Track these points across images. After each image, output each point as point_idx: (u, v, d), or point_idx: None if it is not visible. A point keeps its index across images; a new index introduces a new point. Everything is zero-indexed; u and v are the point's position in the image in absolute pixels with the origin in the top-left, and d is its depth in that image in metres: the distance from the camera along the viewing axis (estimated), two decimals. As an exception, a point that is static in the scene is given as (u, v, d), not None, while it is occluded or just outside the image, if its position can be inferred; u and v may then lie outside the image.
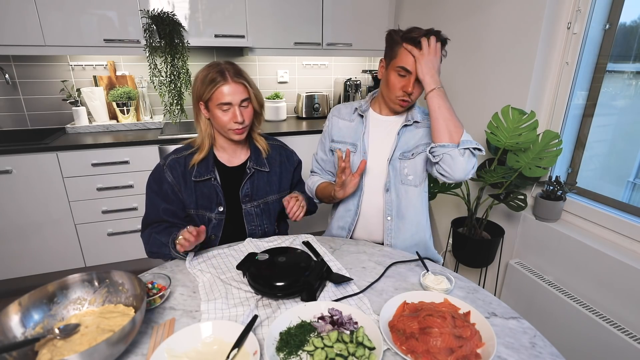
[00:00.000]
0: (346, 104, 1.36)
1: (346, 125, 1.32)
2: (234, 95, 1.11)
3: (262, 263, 0.97)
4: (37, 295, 0.78)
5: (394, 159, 1.24)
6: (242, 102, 1.13)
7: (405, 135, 1.24)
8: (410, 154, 1.24)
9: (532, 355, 0.74)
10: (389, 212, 1.25)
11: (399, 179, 1.25)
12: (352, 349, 0.71)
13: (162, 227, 1.16)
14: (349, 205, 1.31)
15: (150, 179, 1.21)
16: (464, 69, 2.02)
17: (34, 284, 2.18)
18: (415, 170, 1.25)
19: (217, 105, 1.12)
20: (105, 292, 0.85)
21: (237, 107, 1.13)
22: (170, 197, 1.19)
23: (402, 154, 1.24)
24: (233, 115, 1.13)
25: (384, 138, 1.27)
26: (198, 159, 1.19)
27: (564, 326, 1.48)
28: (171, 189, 1.19)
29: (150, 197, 1.20)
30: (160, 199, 1.18)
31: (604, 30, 1.51)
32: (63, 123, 2.35)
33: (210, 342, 0.74)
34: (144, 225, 1.20)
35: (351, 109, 1.33)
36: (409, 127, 1.25)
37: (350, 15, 2.50)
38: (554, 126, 1.67)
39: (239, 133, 1.17)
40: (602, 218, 1.49)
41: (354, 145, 1.29)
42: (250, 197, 1.25)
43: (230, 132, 1.16)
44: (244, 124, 1.15)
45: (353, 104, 1.34)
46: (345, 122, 1.33)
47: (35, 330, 0.75)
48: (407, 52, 1.11)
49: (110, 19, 2.04)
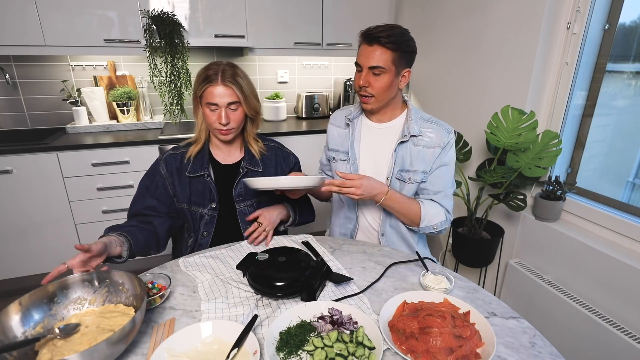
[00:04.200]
0: (342, 110, 1.35)
1: (339, 133, 1.32)
2: (221, 97, 1.13)
3: (262, 263, 0.97)
4: (37, 295, 0.78)
5: (393, 179, 1.23)
6: (230, 104, 1.15)
7: (402, 151, 1.21)
8: (407, 177, 1.22)
9: (532, 355, 0.74)
10: (382, 229, 1.28)
11: None
12: (352, 349, 0.72)
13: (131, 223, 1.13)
14: (349, 214, 1.33)
15: (145, 173, 1.24)
16: (464, 69, 2.02)
17: (34, 284, 2.17)
18: (412, 193, 1.25)
19: (206, 104, 1.15)
20: (105, 291, 0.85)
21: (224, 109, 1.14)
22: (159, 190, 1.20)
23: (399, 172, 1.22)
24: (219, 116, 1.15)
25: (380, 150, 1.25)
26: (194, 151, 1.23)
27: (563, 326, 1.48)
28: (162, 182, 1.21)
29: (140, 190, 1.22)
30: (149, 194, 1.20)
31: (603, 30, 1.52)
32: (63, 123, 2.35)
33: (210, 342, 0.75)
34: (128, 215, 1.22)
35: (343, 117, 1.32)
36: (405, 144, 1.21)
37: (350, 15, 2.50)
38: (553, 126, 1.67)
39: (223, 134, 1.19)
40: (602, 218, 1.49)
41: (346, 153, 1.29)
42: (244, 197, 1.26)
43: (216, 131, 1.19)
44: (228, 127, 1.17)
45: (346, 111, 1.32)
46: (339, 129, 1.33)
47: (35, 330, 0.75)
48: (360, 47, 1.15)
49: (110, 19, 2.04)
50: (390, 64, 1.11)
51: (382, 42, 1.08)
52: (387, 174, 1.24)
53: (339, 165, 1.31)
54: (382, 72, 1.12)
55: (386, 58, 1.10)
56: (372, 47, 1.10)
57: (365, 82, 1.14)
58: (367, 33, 1.11)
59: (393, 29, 1.10)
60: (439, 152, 1.19)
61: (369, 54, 1.11)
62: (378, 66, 1.11)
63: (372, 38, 1.09)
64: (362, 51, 1.14)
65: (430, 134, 1.20)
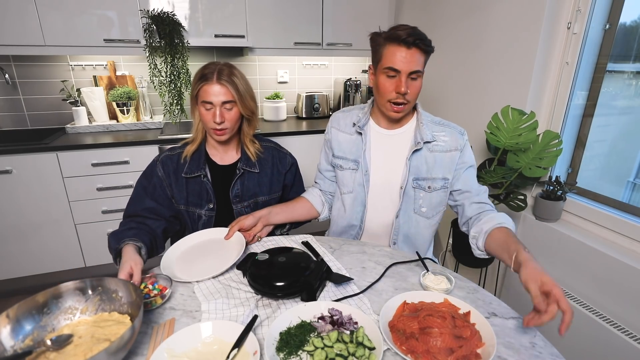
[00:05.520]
0: (345, 114, 1.28)
1: (346, 140, 1.25)
2: (216, 96, 1.13)
3: (262, 263, 0.97)
4: (26, 306, 0.74)
5: (408, 188, 1.18)
6: (225, 104, 1.14)
7: (417, 160, 1.16)
8: (426, 185, 1.17)
9: (532, 355, 0.74)
10: (395, 237, 1.23)
11: (412, 208, 1.20)
12: (352, 349, 0.71)
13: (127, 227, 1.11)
14: (352, 221, 1.27)
15: (142, 173, 1.24)
16: (464, 69, 2.02)
17: (34, 284, 2.19)
18: (430, 203, 1.19)
19: (201, 102, 1.15)
20: (97, 300, 0.82)
21: (219, 107, 1.14)
22: (157, 192, 1.20)
23: (415, 181, 1.17)
24: (213, 114, 1.15)
25: (392, 159, 1.19)
26: (191, 151, 1.23)
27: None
28: (160, 183, 1.21)
29: (137, 190, 1.21)
30: (146, 196, 1.19)
31: (604, 30, 1.51)
32: (63, 123, 2.35)
33: (210, 342, 0.74)
34: (124, 215, 1.19)
35: (350, 122, 1.25)
36: (419, 152, 1.16)
37: (350, 15, 2.50)
38: (554, 126, 1.67)
39: (218, 134, 1.18)
40: (602, 218, 1.49)
41: (355, 162, 1.22)
42: (241, 198, 1.26)
43: (211, 131, 1.19)
44: (222, 126, 1.16)
45: (352, 116, 1.25)
46: (345, 135, 1.25)
47: (24, 343, 0.71)
48: (392, 51, 1.05)
49: (110, 19, 2.04)
50: (423, 67, 1.08)
51: (419, 45, 1.03)
52: (401, 183, 1.18)
53: (346, 174, 1.24)
54: (419, 76, 1.08)
55: (422, 62, 1.07)
56: (410, 50, 1.04)
57: (407, 87, 1.06)
58: (401, 37, 1.03)
59: (420, 31, 1.05)
60: (458, 155, 1.16)
61: (410, 58, 1.04)
62: (418, 70, 1.06)
63: (410, 42, 1.03)
64: (398, 55, 1.04)
65: (444, 137, 1.16)
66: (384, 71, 1.08)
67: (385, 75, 1.08)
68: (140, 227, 1.12)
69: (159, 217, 1.19)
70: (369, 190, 1.22)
